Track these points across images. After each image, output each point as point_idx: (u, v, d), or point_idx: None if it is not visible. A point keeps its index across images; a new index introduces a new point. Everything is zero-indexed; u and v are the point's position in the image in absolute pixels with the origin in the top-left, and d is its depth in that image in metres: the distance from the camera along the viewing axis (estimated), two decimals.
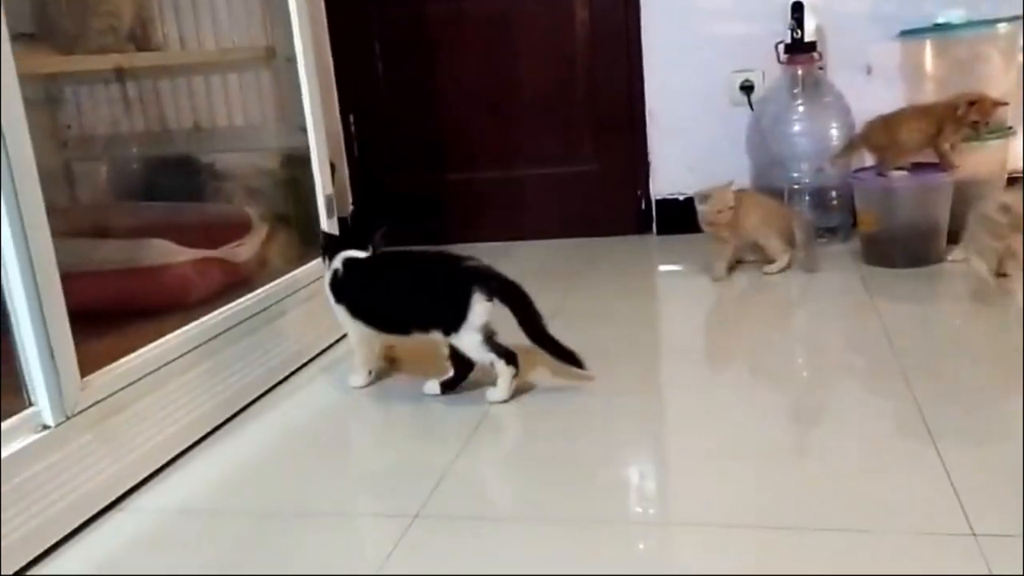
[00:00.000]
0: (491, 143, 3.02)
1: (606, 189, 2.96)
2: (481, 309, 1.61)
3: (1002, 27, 2.38)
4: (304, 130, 2.09)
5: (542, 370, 1.76)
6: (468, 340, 1.63)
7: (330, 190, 2.13)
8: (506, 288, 1.64)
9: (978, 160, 2.34)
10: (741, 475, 1.33)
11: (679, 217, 2.85)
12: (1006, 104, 2.28)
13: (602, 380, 1.73)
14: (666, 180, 2.88)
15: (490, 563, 1.15)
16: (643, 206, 2.93)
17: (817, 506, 1.22)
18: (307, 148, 2.09)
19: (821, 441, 1.46)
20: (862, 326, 1.91)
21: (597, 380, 1.72)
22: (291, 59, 2.06)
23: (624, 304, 2.29)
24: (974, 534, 1.11)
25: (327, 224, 2.10)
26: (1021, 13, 2.36)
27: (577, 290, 2.42)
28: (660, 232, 2.91)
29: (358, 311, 1.73)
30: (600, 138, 2.95)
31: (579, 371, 1.68)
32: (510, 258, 2.76)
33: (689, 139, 2.82)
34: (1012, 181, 2.42)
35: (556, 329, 1.67)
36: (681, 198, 2.86)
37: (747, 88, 2.70)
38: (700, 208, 2.30)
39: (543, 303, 1.67)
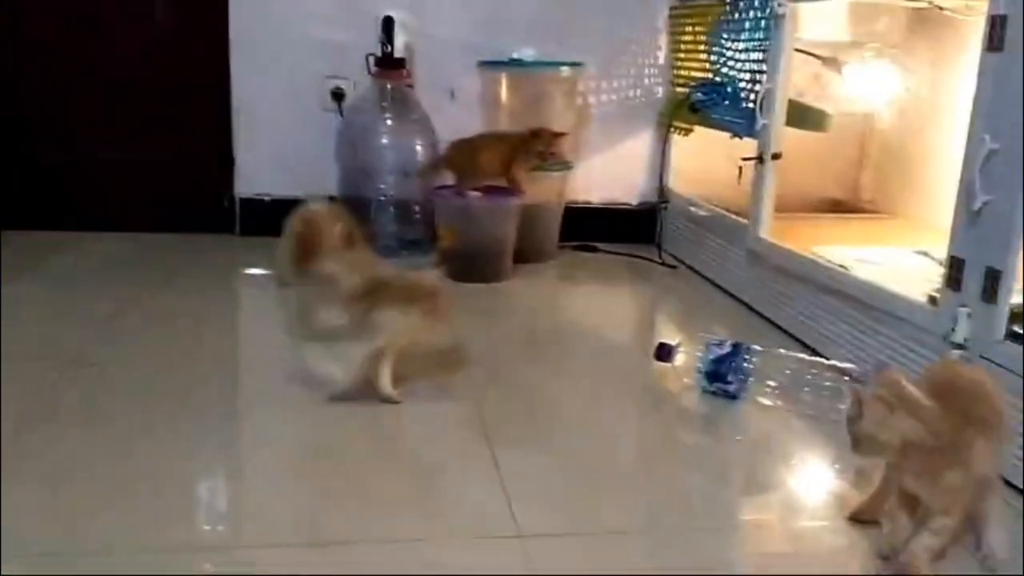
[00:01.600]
0: (60, 126, 2.69)
1: (187, 184, 2.76)
2: None
3: (565, 70, 2.67)
4: None
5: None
6: None
7: None
8: None
9: (541, 189, 2.59)
10: (306, 489, 1.29)
11: (264, 218, 2.76)
12: (566, 134, 2.54)
13: (169, 383, 1.60)
14: (252, 179, 2.77)
15: None
16: (226, 204, 2.78)
17: (377, 518, 1.22)
18: None
19: (386, 449, 1.48)
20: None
21: (171, 385, 1.57)
22: None
23: (204, 306, 2.15)
24: (520, 536, 1.19)
25: None
26: (580, 61, 2.67)
27: (150, 289, 2.21)
28: (244, 232, 2.78)
29: None
30: (183, 130, 2.74)
31: None
32: (68, 251, 2.45)
33: (278, 140, 2.73)
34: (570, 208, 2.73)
35: (122, 330, 1.48)
36: (267, 199, 2.76)
37: (338, 95, 2.69)
38: None
39: (105, 302, 1.48)
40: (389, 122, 2.58)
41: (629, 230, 2.88)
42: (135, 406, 1.54)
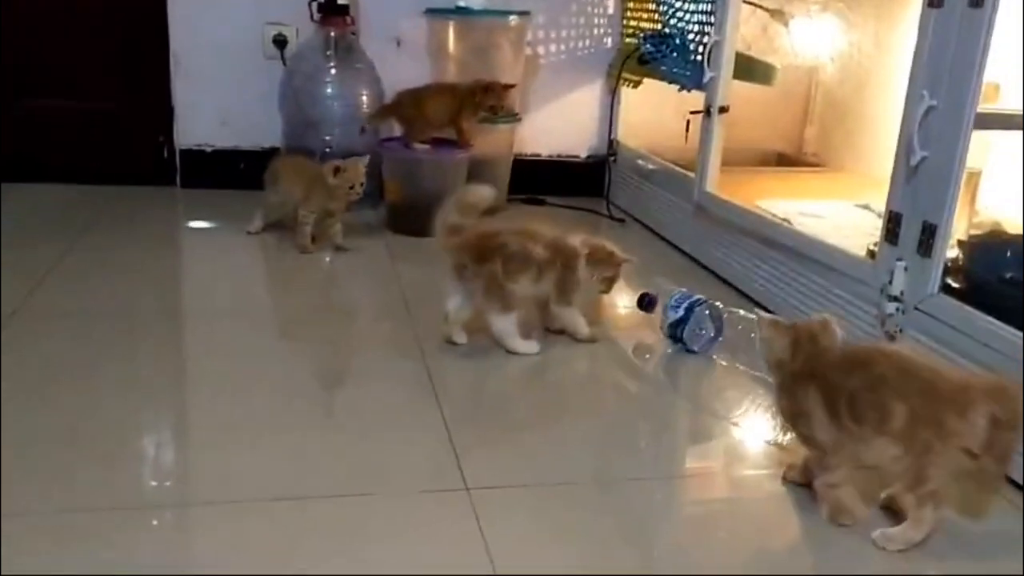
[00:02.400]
0: None
1: (125, 134, 2.68)
2: None
3: (513, 19, 2.63)
4: None
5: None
6: None
7: None
8: None
9: (489, 141, 2.56)
10: (260, 447, 1.28)
11: (206, 170, 2.70)
12: (514, 86, 2.52)
13: (115, 344, 1.57)
14: (193, 130, 2.70)
15: None
16: (165, 155, 2.71)
17: (331, 474, 1.22)
18: None
19: (340, 408, 1.48)
20: (385, 292, 1.98)
21: (112, 345, 1.55)
22: None
23: (144, 261, 2.10)
24: (467, 488, 1.20)
25: None
26: (528, 10, 2.63)
27: (88, 242, 2.15)
28: (185, 185, 2.72)
29: None
30: (120, 78, 2.65)
31: None
32: (3, 202, 2.38)
33: (219, 89, 2.66)
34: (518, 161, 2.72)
35: (58, 284, 1.44)
36: (209, 150, 2.70)
37: (280, 42, 2.62)
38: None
39: (42, 256, 1.44)
40: (333, 71, 2.52)
41: (578, 183, 2.88)
42: (77, 359, 1.51)
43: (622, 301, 1.94)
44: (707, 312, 1.68)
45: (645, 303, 1.80)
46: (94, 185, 2.62)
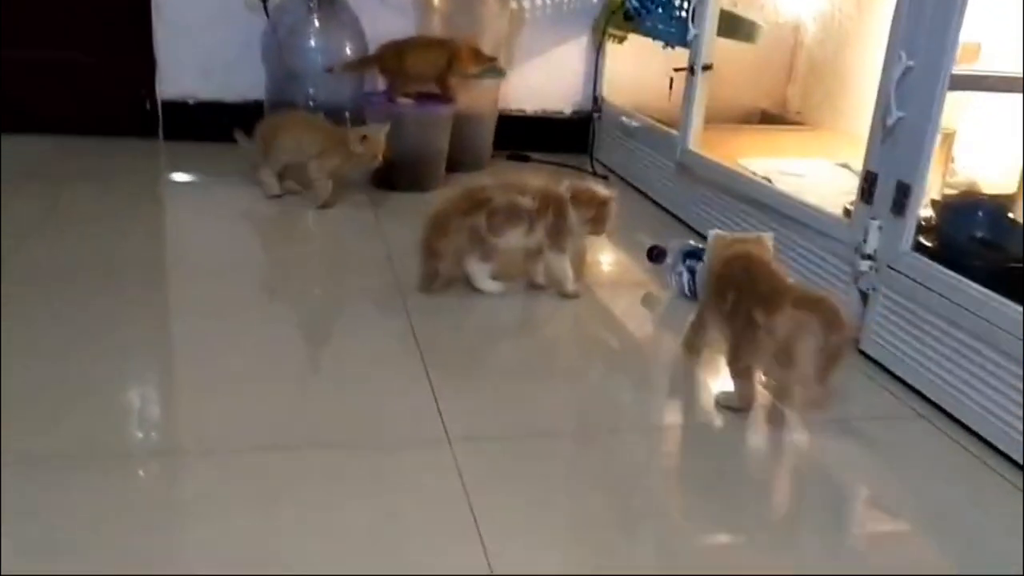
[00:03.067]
0: None
1: (107, 85, 2.66)
2: None
3: None
4: None
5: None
6: None
7: None
8: None
9: (474, 96, 2.56)
10: (244, 399, 1.31)
11: (190, 122, 2.69)
12: (495, 59, 2.51)
13: (105, 297, 1.59)
14: (176, 82, 2.68)
15: None
16: (148, 107, 2.69)
17: (316, 425, 1.26)
18: None
19: (325, 361, 1.51)
20: (369, 248, 1.99)
21: (97, 296, 1.57)
22: None
23: (130, 214, 2.10)
24: (449, 440, 1.23)
25: None
26: None
27: (72, 195, 2.16)
28: (168, 137, 2.70)
29: None
30: (100, 28, 2.62)
31: None
32: None
33: (201, 40, 2.63)
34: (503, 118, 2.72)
35: (44, 238, 1.46)
36: (192, 102, 2.68)
37: None
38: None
39: (26, 208, 1.44)
40: (317, 24, 2.50)
41: (563, 139, 2.88)
42: (64, 315, 1.53)
43: (607, 258, 1.97)
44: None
45: (654, 255, 1.84)
46: (76, 136, 2.61)
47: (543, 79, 2.88)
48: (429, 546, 1.02)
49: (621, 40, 2.67)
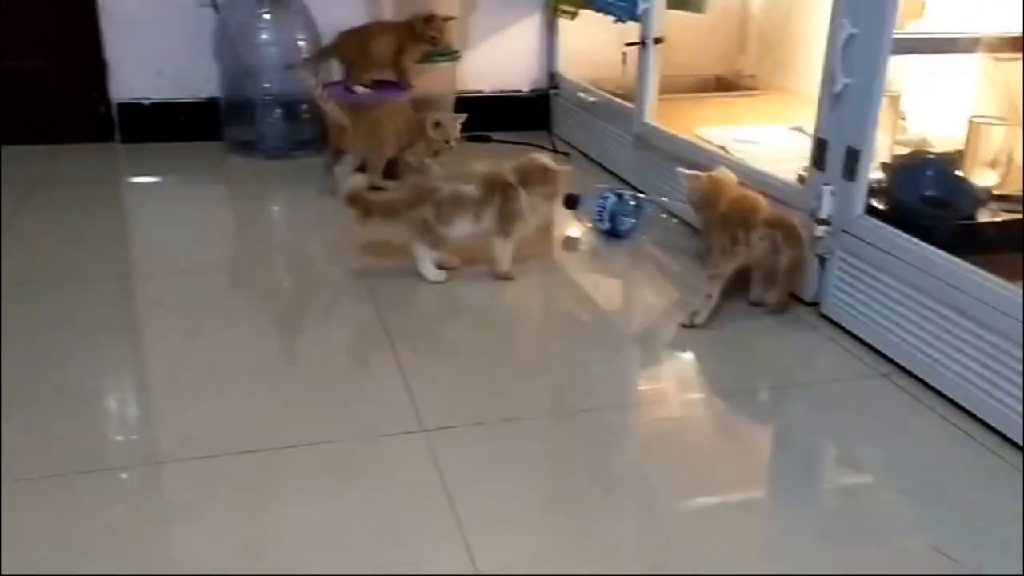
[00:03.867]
0: None
1: (59, 91, 2.63)
2: None
3: None
4: None
5: None
6: None
7: None
8: None
9: (430, 80, 2.56)
10: (219, 400, 1.33)
11: (146, 124, 2.67)
12: (454, 17, 2.51)
13: (73, 306, 1.60)
14: (129, 83, 2.65)
15: None
16: (102, 111, 2.66)
17: (292, 424, 1.27)
18: None
19: (297, 357, 1.52)
20: (334, 237, 2.00)
21: (68, 304, 1.58)
22: None
23: (92, 220, 2.10)
24: (423, 429, 1.26)
25: None
26: None
27: (32, 205, 2.14)
28: (125, 140, 2.68)
29: None
30: (49, 34, 2.58)
31: None
32: None
33: (152, 40, 2.61)
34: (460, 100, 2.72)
35: (7, 250, 1.45)
36: (147, 103, 2.66)
37: None
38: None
39: None
40: (267, 16, 2.49)
41: (522, 118, 2.89)
42: (33, 325, 1.53)
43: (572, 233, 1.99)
44: (630, 202, 1.98)
45: (570, 202, 1.93)
46: (32, 145, 2.58)
47: (499, 59, 2.88)
48: (411, 542, 1.05)
49: (573, 16, 2.67)
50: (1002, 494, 1.16)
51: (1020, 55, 1.72)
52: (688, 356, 1.53)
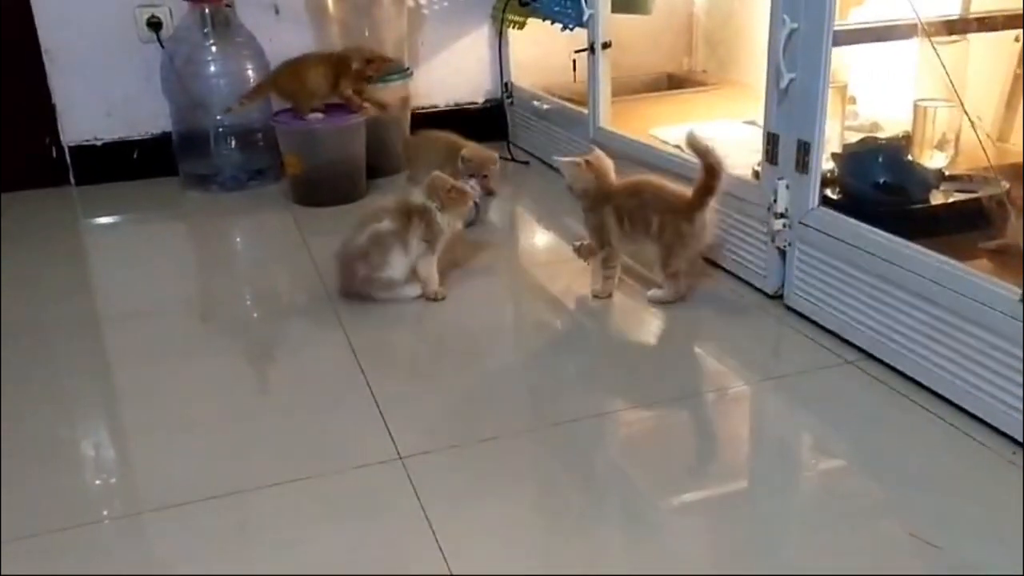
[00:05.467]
0: None
1: (6, 137, 2.58)
2: None
3: None
4: None
5: None
6: None
7: None
8: None
9: (384, 99, 2.55)
10: (194, 444, 1.32)
11: (99, 164, 2.64)
12: (392, 60, 2.51)
13: (36, 354, 1.59)
14: (79, 125, 2.62)
15: None
16: (55, 154, 2.63)
17: (268, 462, 1.26)
18: None
19: (268, 391, 1.51)
20: (298, 265, 1.99)
21: (32, 353, 1.57)
22: None
23: (52, 266, 2.07)
24: (400, 457, 1.26)
25: None
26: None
27: None
28: (79, 182, 2.65)
29: None
30: None
31: None
32: None
33: (98, 80, 2.58)
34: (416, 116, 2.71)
35: None
36: (99, 143, 2.63)
37: (155, 24, 2.54)
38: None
39: None
40: (214, 49, 2.47)
41: (480, 129, 2.86)
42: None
43: (537, 240, 1.99)
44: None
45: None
46: None
47: (451, 72, 2.88)
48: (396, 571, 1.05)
49: (521, 26, 2.68)
50: (975, 473, 1.18)
51: (957, 37, 1.75)
52: (658, 356, 1.54)
